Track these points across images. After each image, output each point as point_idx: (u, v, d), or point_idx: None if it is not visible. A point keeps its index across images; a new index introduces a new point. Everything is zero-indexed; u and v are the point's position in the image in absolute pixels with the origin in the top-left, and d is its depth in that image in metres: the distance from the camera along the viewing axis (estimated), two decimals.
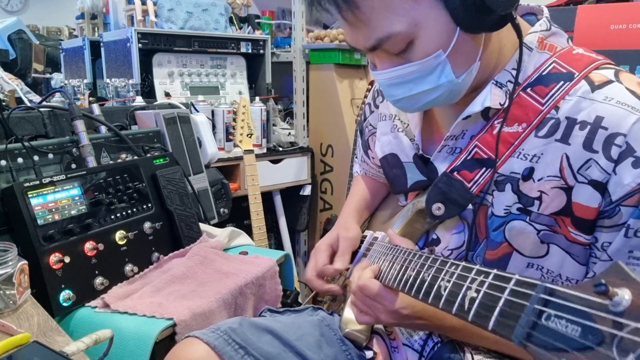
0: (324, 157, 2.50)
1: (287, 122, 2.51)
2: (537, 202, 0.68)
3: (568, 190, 0.66)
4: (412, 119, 0.85)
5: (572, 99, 0.67)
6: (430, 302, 0.58)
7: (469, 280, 0.53)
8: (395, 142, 0.89)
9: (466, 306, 0.51)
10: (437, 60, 0.67)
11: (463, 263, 0.56)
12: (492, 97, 0.71)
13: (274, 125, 2.35)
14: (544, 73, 0.70)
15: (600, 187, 0.64)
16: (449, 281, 0.56)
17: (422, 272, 0.62)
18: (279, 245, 2.44)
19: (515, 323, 0.43)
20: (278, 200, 2.40)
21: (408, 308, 0.71)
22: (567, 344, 0.38)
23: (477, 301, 0.50)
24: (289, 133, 2.35)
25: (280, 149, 2.31)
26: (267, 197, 2.32)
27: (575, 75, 0.68)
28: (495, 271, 0.50)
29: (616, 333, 0.35)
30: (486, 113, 0.74)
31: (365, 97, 2.19)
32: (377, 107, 0.99)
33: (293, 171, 2.35)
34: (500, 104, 0.71)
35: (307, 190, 2.44)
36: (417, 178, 0.84)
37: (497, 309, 0.46)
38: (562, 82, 0.68)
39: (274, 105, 2.35)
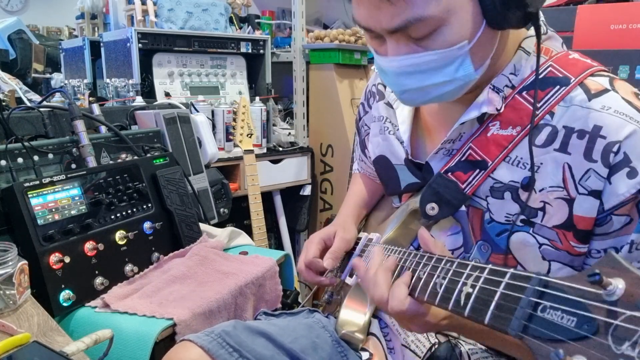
0: (324, 157, 2.50)
1: (287, 122, 2.51)
2: (540, 213, 0.68)
3: (570, 202, 0.66)
4: (402, 124, 0.85)
5: (568, 107, 0.67)
6: (426, 300, 0.58)
7: (464, 276, 0.53)
8: (384, 145, 0.89)
9: (462, 302, 0.51)
10: (460, 52, 0.65)
11: (458, 260, 0.56)
12: (489, 102, 0.71)
13: (274, 125, 2.35)
14: (540, 77, 0.70)
15: (598, 195, 0.64)
16: (444, 278, 0.56)
17: (418, 271, 0.62)
18: (279, 245, 2.44)
19: (512, 316, 0.43)
20: (278, 200, 2.40)
21: (447, 319, 0.64)
22: (563, 334, 0.39)
23: (473, 296, 0.50)
24: (289, 133, 2.35)
25: (280, 149, 2.31)
26: (267, 197, 2.32)
27: (571, 80, 0.68)
28: (490, 266, 0.51)
29: (611, 321, 0.36)
30: (482, 117, 0.73)
31: None
32: (370, 107, 0.99)
33: (293, 171, 2.35)
34: (497, 109, 0.71)
35: (307, 190, 2.43)
36: (410, 180, 0.84)
37: (493, 303, 0.47)
38: (558, 86, 0.68)
39: (274, 105, 2.35)
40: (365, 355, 0.85)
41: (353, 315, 0.88)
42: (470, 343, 0.79)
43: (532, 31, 0.73)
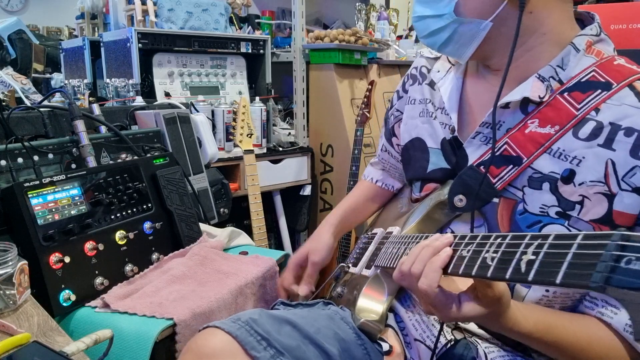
0: (324, 157, 2.50)
1: (287, 122, 2.51)
2: (577, 207, 0.68)
3: (611, 197, 0.66)
4: (449, 101, 0.85)
5: (616, 105, 0.68)
6: (474, 275, 0.55)
7: (522, 246, 0.51)
8: (423, 127, 0.90)
9: (523, 269, 0.49)
10: None
11: (511, 234, 0.55)
12: (532, 89, 0.72)
13: (274, 125, 2.35)
14: (582, 80, 0.71)
15: None
16: (495, 252, 0.54)
17: (459, 250, 0.60)
18: (279, 245, 2.44)
19: (592, 270, 0.43)
20: (278, 200, 2.40)
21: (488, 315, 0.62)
22: None
23: (538, 262, 0.48)
24: (289, 133, 2.35)
25: (280, 149, 2.31)
26: (267, 197, 2.32)
27: (613, 86, 0.69)
28: (554, 234, 0.49)
29: None
30: (525, 106, 0.74)
31: (366, 97, 2.19)
32: (406, 91, 0.99)
33: (293, 171, 2.35)
34: (539, 96, 0.72)
35: (307, 190, 2.44)
36: (440, 164, 0.84)
37: (565, 263, 0.46)
38: (600, 90, 0.69)
39: (274, 105, 2.35)
40: (385, 346, 0.84)
41: (371, 304, 0.87)
42: (488, 341, 0.79)
43: (586, 30, 0.74)
